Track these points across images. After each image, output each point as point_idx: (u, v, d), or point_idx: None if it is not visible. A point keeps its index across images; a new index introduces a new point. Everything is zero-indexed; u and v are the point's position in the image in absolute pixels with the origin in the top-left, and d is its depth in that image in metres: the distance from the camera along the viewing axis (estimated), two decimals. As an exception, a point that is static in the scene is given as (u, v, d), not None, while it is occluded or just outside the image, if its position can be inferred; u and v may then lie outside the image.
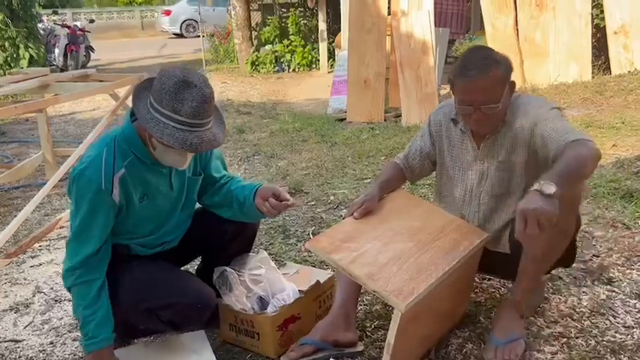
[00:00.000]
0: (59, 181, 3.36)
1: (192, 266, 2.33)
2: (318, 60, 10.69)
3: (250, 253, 2.14)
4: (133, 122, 1.72)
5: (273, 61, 10.75)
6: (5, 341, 2.15)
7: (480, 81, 1.74)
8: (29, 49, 9.01)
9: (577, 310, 2.08)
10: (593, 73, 5.83)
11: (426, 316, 1.75)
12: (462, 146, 2.00)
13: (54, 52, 10.79)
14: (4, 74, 8.59)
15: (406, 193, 2.07)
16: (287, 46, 10.82)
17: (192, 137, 1.58)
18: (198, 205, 2.05)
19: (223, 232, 2.02)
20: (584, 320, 2.02)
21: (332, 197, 3.49)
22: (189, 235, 1.99)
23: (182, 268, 2.12)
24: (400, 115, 5.56)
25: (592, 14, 5.85)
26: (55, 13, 13.24)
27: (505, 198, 1.97)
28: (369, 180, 3.77)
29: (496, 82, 1.76)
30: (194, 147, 1.59)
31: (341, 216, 3.15)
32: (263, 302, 1.95)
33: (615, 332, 1.94)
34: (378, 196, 1.97)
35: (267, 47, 11.04)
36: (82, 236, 1.69)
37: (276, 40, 11.12)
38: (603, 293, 2.19)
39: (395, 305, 1.55)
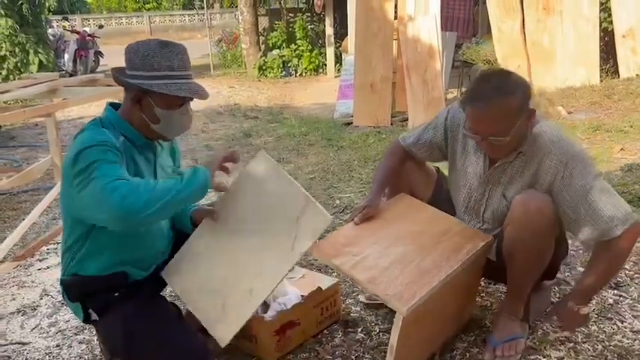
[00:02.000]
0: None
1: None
2: (325, 64, 10.72)
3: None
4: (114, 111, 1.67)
5: (281, 65, 10.80)
6: (12, 344, 2.16)
7: (488, 112, 1.63)
8: (39, 55, 9.09)
9: (584, 314, 2.06)
10: (601, 76, 5.80)
11: (429, 319, 1.74)
12: (475, 158, 1.89)
13: (63, 58, 10.90)
14: (14, 79, 8.69)
15: (409, 197, 2.06)
16: (294, 51, 10.87)
17: (193, 86, 1.64)
18: None
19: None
20: (591, 325, 2.00)
21: (338, 201, 3.49)
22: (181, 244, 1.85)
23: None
24: (407, 119, 5.56)
25: (600, 18, 5.82)
26: (65, 19, 13.33)
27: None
28: (375, 184, 3.77)
29: (506, 115, 1.63)
30: (200, 94, 1.64)
31: (347, 220, 3.15)
32: (265, 305, 1.94)
33: (623, 337, 1.93)
34: (379, 198, 1.96)
35: (275, 52, 11.09)
36: (114, 178, 1.45)
37: (284, 44, 11.18)
38: (611, 298, 2.17)
39: (396, 309, 1.55)
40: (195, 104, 1.74)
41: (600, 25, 5.84)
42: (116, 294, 1.68)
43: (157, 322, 1.66)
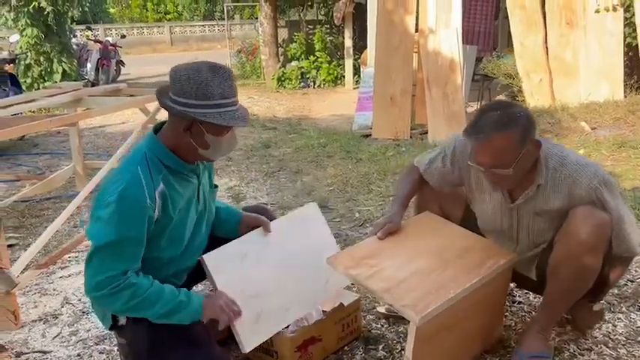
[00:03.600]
0: (89, 193, 3.41)
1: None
2: (344, 76, 10.75)
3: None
4: (157, 137, 1.71)
5: (299, 77, 10.85)
6: (34, 352, 2.17)
7: (489, 146, 1.65)
8: (62, 64, 9.27)
9: (612, 337, 2.01)
10: (625, 92, 5.72)
11: (449, 335, 1.71)
12: (494, 195, 1.87)
13: (86, 67, 11.07)
14: (39, 87, 8.85)
15: (433, 215, 2.03)
16: (313, 63, 10.92)
17: (242, 112, 1.67)
18: None
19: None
20: (620, 348, 1.95)
21: (357, 214, 3.47)
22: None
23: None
24: (426, 132, 5.53)
25: (624, 33, 5.76)
26: (89, 29, 13.57)
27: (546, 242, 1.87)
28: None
29: (506, 148, 1.64)
30: (247, 119, 1.67)
31: (366, 234, 3.13)
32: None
33: (653, 362, 1.87)
34: (401, 215, 1.95)
35: (294, 63, 11.15)
36: (118, 250, 1.58)
37: (303, 56, 11.24)
38: (639, 320, 2.12)
39: (410, 318, 1.53)
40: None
41: (624, 41, 5.77)
42: None
43: (183, 329, 1.68)
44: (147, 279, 1.62)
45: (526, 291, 2.28)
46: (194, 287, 2.02)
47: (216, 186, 1.96)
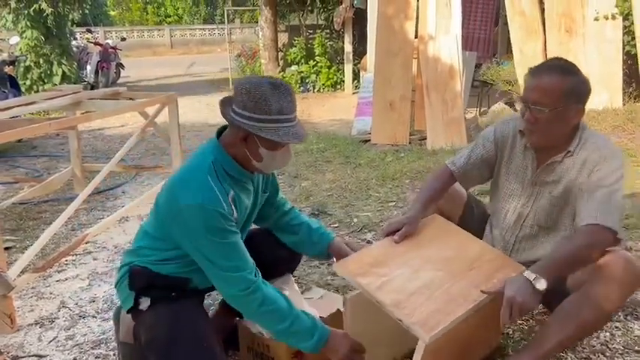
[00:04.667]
0: (87, 196, 3.41)
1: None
2: (343, 81, 10.77)
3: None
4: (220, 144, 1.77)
5: (299, 81, 10.87)
6: (30, 356, 2.16)
7: (541, 81, 1.77)
8: (62, 66, 9.27)
9: (610, 346, 2.01)
10: (623, 100, 5.73)
11: (452, 347, 1.70)
12: (522, 163, 1.97)
13: (86, 69, 11.08)
14: (38, 90, 8.86)
15: (442, 219, 2.03)
16: (312, 67, 10.94)
17: (298, 129, 1.69)
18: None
19: (278, 258, 2.08)
20: (617, 357, 1.94)
21: (355, 220, 3.46)
22: None
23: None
24: (425, 138, 5.54)
25: (623, 41, 5.77)
26: (89, 31, 13.64)
27: (549, 232, 1.94)
28: (393, 203, 3.74)
29: (554, 88, 1.75)
30: (303, 137, 1.70)
31: (365, 239, 3.13)
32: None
33: (651, 371, 1.87)
34: (420, 218, 1.95)
35: (293, 68, 11.18)
36: (233, 263, 1.67)
37: (302, 60, 11.26)
38: (637, 329, 2.11)
39: (419, 336, 1.52)
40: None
41: (623, 49, 5.79)
42: (173, 294, 1.78)
43: (200, 324, 1.74)
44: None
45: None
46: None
47: (265, 192, 1.99)
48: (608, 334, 2.08)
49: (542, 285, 1.57)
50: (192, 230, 1.65)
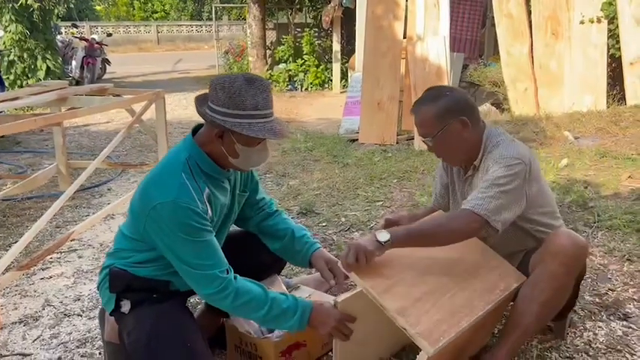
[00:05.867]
0: (73, 193, 3.37)
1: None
2: (331, 80, 10.78)
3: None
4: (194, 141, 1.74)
5: (287, 79, 10.86)
6: (14, 354, 2.14)
7: (417, 117, 1.92)
8: (47, 61, 9.15)
9: (593, 345, 2.04)
10: (607, 102, 5.81)
11: (450, 352, 1.70)
12: (458, 181, 2.10)
13: (71, 64, 10.95)
14: (22, 84, 8.73)
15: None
16: (301, 66, 10.93)
17: (275, 125, 1.66)
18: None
19: (261, 264, 2.07)
20: (600, 357, 1.97)
21: (343, 219, 3.47)
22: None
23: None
24: (412, 138, 5.56)
25: (608, 44, 5.85)
26: (74, 26, 13.44)
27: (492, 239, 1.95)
28: (380, 202, 3.76)
29: (427, 117, 1.88)
30: (280, 133, 1.66)
31: (352, 238, 3.14)
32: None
33: (632, 370, 1.90)
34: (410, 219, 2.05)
35: (281, 66, 11.16)
36: (205, 262, 1.65)
37: (290, 59, 11.25)
38: (619, 329, 2.15)
39: (423, 348, 1.51)
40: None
41: (608, 52, 5.87)
42: (154, 295, 1.76)
43: (183, 324, 1.72)
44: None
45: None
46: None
47: (245, 191, 1.97)
48: (591, 333, 2.11)
49: (383, 237, 1.65)
50: (164, 228, 1.61)
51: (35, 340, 2.24)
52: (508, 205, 1.74)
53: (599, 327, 2.16)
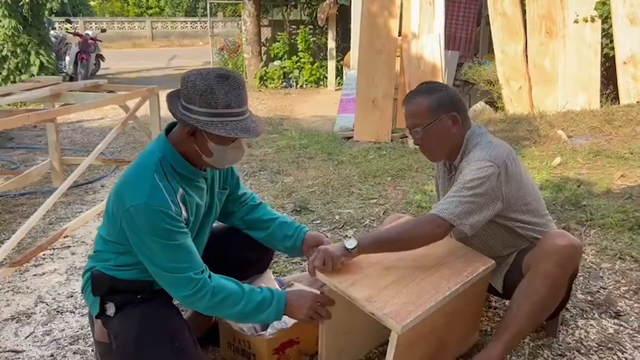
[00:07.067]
0: (67, 189, 3.35)
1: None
2: (326, 77, 10.77)
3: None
4: (168, 140, 1.70)
5: (282, 76, 10.84)
6: (5, 351, 2.13)
7: (408, 107, 1.93)
8: (40, 56, 9.09)
9: (584, 343, 2.05)
10: (601, 102, 5.84)
11: (428, 342, 1.73)
12: (443, 179, 2.12)
13: (64, 60, 10.88)
14: (15, 80, 8.67)
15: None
16: (296, 63, 10.91)
17: (249, 123, 1.62)
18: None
19: (247, 260, 2.05)
20: (592, 354, 1.99)
21: (337, 217, 3.47)
22: (208, 259, 1.86)
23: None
24: (407, 136, 5.56)
25: (601, 44, 5.88)
26: (68, 21, 13.36)
27: (472, 237, 1.94)
28: (374, 200, 3.76)
29: (420, 108, 1.89)
30: (254, 132, 1.61)
31: (346, 236, 3.15)
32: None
33: (623, 368, 1.91)
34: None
35: (276, 63, 11.13)
36: (179, 265, 1.61)
37: (285, 56, 11.23)
38: (611, 327, 2.16)
39: (391, 327, 1.54)
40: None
41: (602, 51, 5.90)
42: (139, 296, 1.73)
43: (170, 323, 1.69)
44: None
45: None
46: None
47: (225, 188, 1.95)
48: (583, 331, 2.13)
49: (350, 244, 1.72)
50: (137, 231, 1.58)
51: (27, 337, 2.23)
52: (478, 209, 1.76)
53: (590, 325, 2.17)
